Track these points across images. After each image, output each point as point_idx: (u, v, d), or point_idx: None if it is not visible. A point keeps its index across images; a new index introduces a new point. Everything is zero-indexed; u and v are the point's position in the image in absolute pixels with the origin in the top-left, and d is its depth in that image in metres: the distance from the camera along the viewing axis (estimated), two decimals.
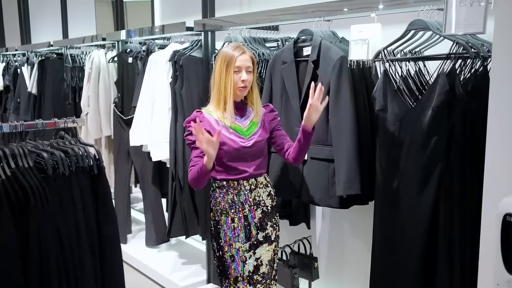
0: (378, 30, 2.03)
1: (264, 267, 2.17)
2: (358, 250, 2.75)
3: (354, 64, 2.09)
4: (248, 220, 2.14)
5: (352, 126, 2.12)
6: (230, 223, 2.13)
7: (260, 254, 2.16)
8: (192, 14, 3.66)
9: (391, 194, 1.92)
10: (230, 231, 2.13)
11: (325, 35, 2.30)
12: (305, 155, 2.21)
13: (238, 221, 2.13)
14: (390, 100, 1.91)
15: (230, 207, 2.13)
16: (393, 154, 1.90)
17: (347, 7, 2.16)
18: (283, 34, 2.92)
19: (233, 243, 2.12)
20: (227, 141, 2.08)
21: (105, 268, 1.68)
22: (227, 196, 2.13)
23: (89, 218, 1.62)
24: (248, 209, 2.14)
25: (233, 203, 2.13)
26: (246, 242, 2.13)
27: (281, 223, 2.92)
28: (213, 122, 2.11)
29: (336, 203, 2.22)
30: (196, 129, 1.88)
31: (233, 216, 2.12)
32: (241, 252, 2.12)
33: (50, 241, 1.50)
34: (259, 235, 2.16)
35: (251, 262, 2.14)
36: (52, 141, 1.68)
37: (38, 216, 1.47)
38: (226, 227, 2.13)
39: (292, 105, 2.33)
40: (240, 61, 2.07)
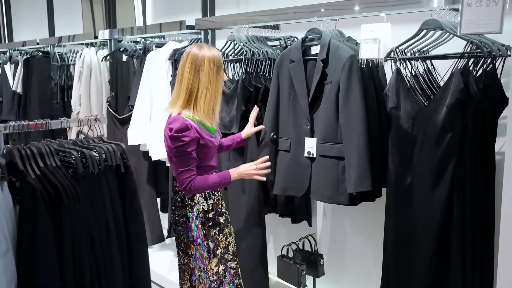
0: (389, 30, 2.06)
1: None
2: (361, 246, 2.79)
3: (364, 63, 2.12)
4: (216, 209, 2.27)
5: (363, 124, 2.15)
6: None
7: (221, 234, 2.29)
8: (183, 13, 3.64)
9: (404, 190, 1.95)
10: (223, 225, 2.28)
11: (332, 34, 2.33)
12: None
13: (211, 211, 2.24)
14: (403, 98, 1.95)
15: (205, 199, 2.22)
16: (406, 151, 1.94)
17: (357, 5, 2.19)
18: (283, 33, 2.94)
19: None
20: (210, 144, 2.14)
21: (133, 266, 1.67)
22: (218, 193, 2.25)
23: (118, 216, 1.62)
24: (215, 199, 2.26)
25: (208, 195, 2.23)
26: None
27: (283, 221, 2.97)
28: (195, 125, 2.08)
29: (346, 200, 2.25)
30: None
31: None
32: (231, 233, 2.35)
33: (82, 240, 1.48)
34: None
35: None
36: (76, 140, 1.66)
37: (71, 215, 1.45)
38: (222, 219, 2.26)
39: (301, 104, 2.35)
40: (222, 63, 2.14)
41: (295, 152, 2.42)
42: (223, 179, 2.19)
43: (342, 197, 2.27)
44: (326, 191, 2.31)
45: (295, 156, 2.41)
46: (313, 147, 2.34)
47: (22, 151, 1.48)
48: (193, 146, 2.06)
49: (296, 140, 2.41)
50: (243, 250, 2.81)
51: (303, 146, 2.38)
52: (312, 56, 2.35)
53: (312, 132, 2.35)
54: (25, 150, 1.49)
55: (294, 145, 2.42)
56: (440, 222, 1.85)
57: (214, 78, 2.09)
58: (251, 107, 2.69)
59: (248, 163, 2.35)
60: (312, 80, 2.32)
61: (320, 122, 2.33)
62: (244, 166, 2.29)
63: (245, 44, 2.68)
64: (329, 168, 2.29)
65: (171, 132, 2.04)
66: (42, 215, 1.40)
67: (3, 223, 1.43)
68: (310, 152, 2.35)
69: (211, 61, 2.08)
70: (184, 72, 2.10)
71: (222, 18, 2.88)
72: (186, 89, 2.09)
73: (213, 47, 2.16)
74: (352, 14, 2.27)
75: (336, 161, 2.27)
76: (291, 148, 2.43)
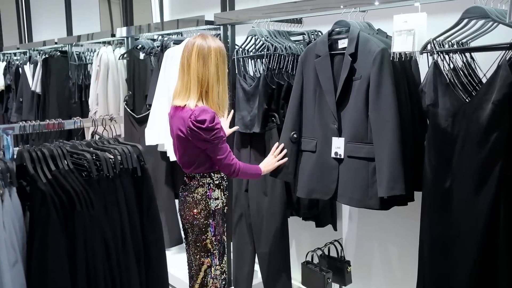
0: (424, 20, 1.91)
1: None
2: (390, 252, 2.64)
3: (397, 56, 1.97)
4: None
5: (395, 122, 2.00)
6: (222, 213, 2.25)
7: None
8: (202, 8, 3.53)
9: (443, 193, 1.80)
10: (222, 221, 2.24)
11: (361, 27, 2.18)
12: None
13: (226, 206, 2.28)
14: (442, 94, 1.79)
15: (224, 194, 2.24)
16: (445, 151, 1.79)
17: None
18: (306, 27, 2.80)
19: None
20: (224, 135, 2.13)
21: (150, 275, 1.55)
22: (222, 186, 2.23)
23: (134, 223, 1.50)
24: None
25: (225, 189, 2.26)
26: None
27: (306, 225, 2.84)
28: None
29: (376, 204, 2.10)
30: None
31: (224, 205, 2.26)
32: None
33: (97, 248, 1.37)
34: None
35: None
36: (90, 141, 1.54)
37: (85, 222, 1.34)
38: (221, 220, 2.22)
39: (327, 101, 2.21)
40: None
41: (321, 152, 2.27)
42: (257, 170, 2.27)
43: (372, 201, 2.11)
44: (354, 194, 2.16)
45: (322, 157, 2.27)
46: (341, 148, 2.19)
47: (33, 153, 1.38)
48: (224, 131, 2.11)
49: (323, 140, 2.27)
50: (265, 255, 2.70)
51: (330, 146, 2.23)
52: (339, 50, 2.21)
53: (339, 131, 2.20)
54: (36, 153, 1.38)
55: (320, 145, 2.28)
56: (484, 229, 1.69)
57: (222, 69, 2.07)
58: (273, 106, 2.57)
59: (267, 158, 2.37)
60: (339, 76, 2.18)
61: (348, 121, 2.18)
62: (265, 161, 2.32)
63: (266, 39, 2.56)
64: (358, 170, 2.14)
65: (204, 124, 1.98)
66: (53, 222, 1.29)
67: (11, 232, 1.33)
68: (337, 153, 2.20)
69: (217, 52, 2.06)
70: (191, 62, 2.05)
71: (241, 13, 2.76)
72: (197, 80, 2.04)
73: (216, 38, 2.12)
74: (383, 5, 2.11)
75: (365, 162, 2.12)
76: (317, 148, 2.29)
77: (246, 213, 2.76)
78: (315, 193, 2.31)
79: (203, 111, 2.00)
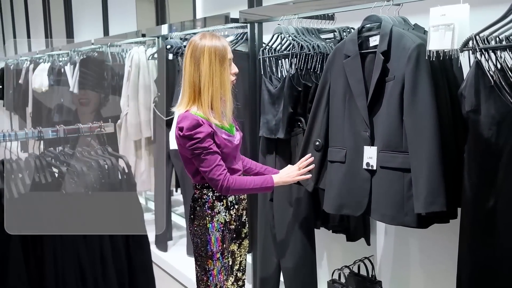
0: (466, 13, 1.65)
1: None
2: (429, 274, 2.38)
3: (433, 55, 1.72)
4: (238, 219, 2.10)
5: (434, 129, 1.76)
6: (224, 227, 2.02)
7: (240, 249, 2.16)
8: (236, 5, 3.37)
9: (485, 214, 1.55)
10: (228, 234, 2.05)
11: (395, 22, 1.95)
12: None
13: (233, 223, 2.07)
14: (485, 99, 1.54)
15: (227, 209, 2.03)
16: (488, 165, 1.54)
17: None
18: (339, 23, 2.58)
19: (228, 247, 2.07)
20: (227, 143, 1.96)
21: None
22: (226, 200, 2.03)
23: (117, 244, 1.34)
24: (240, 208, 2.10)
25: (231, 204, 2.05)
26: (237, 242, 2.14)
27: (336, 238, 2.62)
28: (207, 122, 1.90)
29: (412, 222, 1.86)
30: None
31: (229, 220, 2.05)
32: (234, 255, 2.12)
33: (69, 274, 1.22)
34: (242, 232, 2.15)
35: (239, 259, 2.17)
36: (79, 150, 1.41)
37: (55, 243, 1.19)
38: (221, 234, 2.00)
39: (358, 106, 1.99)
40: (230, 52, 1.96)
41: (351, 163, 2.05)
42: (264, 182, 1.99)
43: (408, 218, 1.87)
44: (388, 210, 1.92)
45: (352, 168, 2.04)
46: (373, 158, 1.96)
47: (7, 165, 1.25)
48: (210, 141, 1.88)
49: (353, 150, 2.04)
50: (289, 270, 2.52)
51: (361, 157, 2.00)
52: (370, 49, 1.98)
53: (372, 140, 1.98)
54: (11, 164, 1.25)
55: (350, 156, 2.05)
56: None
57: (216, 70, 1.89)
58: (299, 109, 2.37)
59: (290, 166, 2.15)
60: (371, 78, 1.95)
61: (381, 127, 1.95)
62: (286, 169, 2.09)
63: (294, 38, 2.37)
64: (392, 183, 1.91)
65: (182, 132, 1.86)
66: (15, 245, 1.15)
67: None
68: (369, 164, 1.98)
69: (211, 52, 1.89)
70: (186, 64, 1.92)
71: (268, 9, 2.58)
72: (189, 84, 1.92)
73: (218, 36, 1.97)
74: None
75: (400, 174, 1.88)
76: (346, 158, 2.07)
77: (270, 223, 2.58)
78: (346, 208, 2.09)
79: (184, 118, 1.88)
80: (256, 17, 2.63)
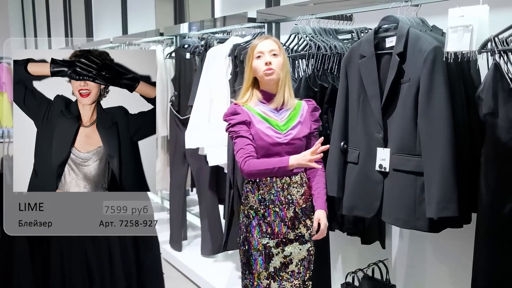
0: (486, 14, 1.62)
1: (293, 265, 2.06)
2: (444, 279, 2.34)
3: (451, 57, 1.69)
4: (279, 217, 2.03)
5: (448, 132, 1.73)
6: (259, 219, 2.04)
7: (289, 252, 2.05)
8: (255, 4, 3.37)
9: (504, 221, 1.53)
10: (258, 227, 2.04)
11: (412, 23, 1.92)
12: None
13: (268, 217, 2.03)
14: (503, 102, 1.52)
15: (260, 203, 2.04)
16: (507, 171, 1.52)
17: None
18: (357, 24, 2.56)
19: (260, 238, 2.04)
20: (263, 136, 2.00)
21: None
22: (257, 192, 2.04)
23: (126, 245, 1.34)
24: (279, 207, 2.03)
25: (264, 199, 2.04)
26: (274, 239, 2.03)
27: (351, 241, 2.60)
28: (250, 113, 2.03)
29: (424, 226, 1.84)
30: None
31: (263, 212, 2.04)
32: (267, 249, 2.03)
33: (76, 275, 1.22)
34: (289, 234, 2.05)
35: (277, 259, 2.04)
36: None
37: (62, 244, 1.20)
38: (255, 222, 2.04)
39: (372, 107, 1.97)
40: (261, 46, 2.02)
41: (364, 164, 2.03)
42: (279, 162, 1.96)
43: (420, 222, 1.86)
44: (400, 214, 1.91)
45: (364, 170, 2.03)
46: (386, 160, 1.95)
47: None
48: (243, 127, 2.00)
49: (366, 151, 2.03)
50: None
51: (374, 158, 1.99)
52: (387, 50, 1.96)
53: (385, 142, 1.96)
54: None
55: (363, 157, 2.04)
56: None
57: (249, 65, 2.05)
58: None
59: (308, 150, 2.06)
60: (386, 79, 1.93)
61: (395, 130, 1.93)
62: (303, 152, 2.02)
63: (311, 38, 2.35)
64: (404, 186, 1.89)
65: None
66: (20, 244, 1.16)
67: None
68: (382, 165, 1.96)
69: (251, 49, 2.05)
70: None
71: (285, 9, 2.57)
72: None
73: (265, 36, 2.12)
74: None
75: (413, 177, 1.86)
76: (359, 160, 2.05)
77: None
78: (357, 209, 2.08)
79: (228, 107, 2.10)
80: (273, 17, 2.62)
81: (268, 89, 2.05)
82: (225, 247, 2.96)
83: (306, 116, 2.10)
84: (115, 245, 1.32)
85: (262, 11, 2.72)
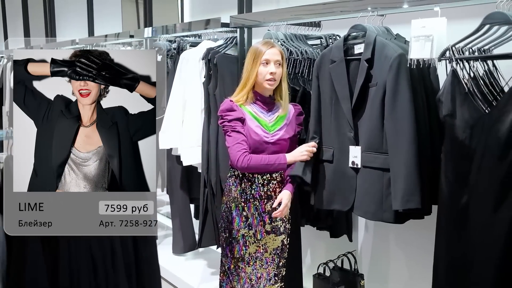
0: (444, 26, 1.81)
1: (267, 254, 2.24)
2: (407, 266, 2.53)
3: (414, 64, 1.87)
4: (257, 211, 2.20)
5: (412, 132, 1.90)
6: (240, 211, 2.20)
7: (265, 241, 2.23)
8: (224, 10, 3.48)
9: (460, 210, 1.70)
10: (238, 218, 2.21)
11: (379, 32, 2.09)
12: None
13: (247, 211, 2.20)
14: (460, 105, 1.69)
15: (241, 196, 2.20)
16: (463, 166, 1.68)
17: (406, 1, 1.95)
18: (325, 30, 2.71)
19: (239, 228, 2.21)
20: (252, 134, 2.14)
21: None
22: (239, 186, 2.20)
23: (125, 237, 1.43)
24: (258, 201, 2.20)
25: (245, 193, 2.20)
26: (252, 229, 2.21)
27: (320, 234, 2.75)
28: (243, 111, 2.16)
29: (390, 218, 2.01)
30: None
31: (243, 206, 2.20)
32: (246, 238, 2.21)
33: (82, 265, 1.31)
34: (266, 226, 2.22)
35: (253, 247, 2.22)
36: None
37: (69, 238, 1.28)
38: (235, 214, 2.21)
39: (343, 108, 2.12)
40: (268, 54, 2.13)
41: (338, 162, 2.19)
42: (277, 160, 2.13)
43: (386, 214, 2.03)
44: (369, 207, 2.07)
45: (339, 167, 2.18)
46: (358, 157, 2.11)
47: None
48: (238, 123, 2.12)
49: (340, 149, 2.18)
50: None
51: (347, 156, 2.15)
52: (355, 56, 2.12)
53: (356, 140, 2.12)
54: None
55: (337, 155, 2.19)
56: (503, 249, 1.58)
57: (249, 66, 2.15)
58: None
59: (302, 145, 2.23)
60: (355, 83, 2.09)
61: (364, 129, 2.09)
62: (298, 148, 2.20)
63: (283, 43, 2.49)
64: (373, 181, 2.06)
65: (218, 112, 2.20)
66: (31, 238, 1.23)
67: None
68: (354, 162, 2.12)
69: (250, 52, 2.19)
70: None
71: (258, 15, 2.70)
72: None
73: (268, 42, 2.22)
74: (402, 9, 2.02)
75: (380, 173, 2.03)
76: (334, 157, 2.20)
77: None
78: (335, 204, 2.23)
79: (223, 103, 2.21)
80: (247, 22, 2.73)
81: (262, 91, 2.20)
82: (199, 244, 3.04)
83: (292, 119, 2.25)
84: (116, 237, 1.41)
85: (235, 16, 2.83)
